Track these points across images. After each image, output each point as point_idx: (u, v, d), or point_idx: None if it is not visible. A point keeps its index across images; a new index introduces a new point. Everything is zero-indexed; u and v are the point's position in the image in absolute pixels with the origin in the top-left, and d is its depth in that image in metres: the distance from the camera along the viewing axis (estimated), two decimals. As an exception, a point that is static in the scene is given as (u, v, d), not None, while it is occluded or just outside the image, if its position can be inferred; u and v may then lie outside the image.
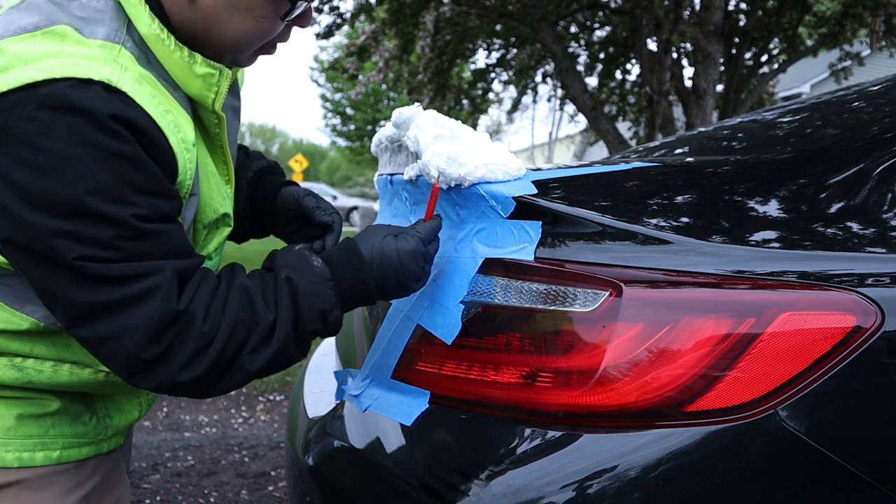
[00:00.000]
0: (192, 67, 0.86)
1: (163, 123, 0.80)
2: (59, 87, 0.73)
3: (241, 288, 0.84)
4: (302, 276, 0.86)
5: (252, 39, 0.90)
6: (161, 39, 0.84)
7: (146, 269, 0.77)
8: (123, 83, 0.77)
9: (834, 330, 0.78)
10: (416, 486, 0.89)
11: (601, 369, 0.80)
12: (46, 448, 0.91)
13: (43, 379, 0.88)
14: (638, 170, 1.09)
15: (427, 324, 0.95)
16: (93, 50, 0.78)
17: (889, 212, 0.87)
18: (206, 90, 0.88)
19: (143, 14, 0.83)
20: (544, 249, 0.88)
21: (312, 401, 1.33)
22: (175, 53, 0.85)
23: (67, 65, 0.74)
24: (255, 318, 0.82)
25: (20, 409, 0.88)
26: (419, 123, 1.05)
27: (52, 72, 0.73)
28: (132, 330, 0.76)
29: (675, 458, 0.77)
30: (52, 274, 0.75)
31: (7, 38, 0.78)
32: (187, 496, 2.58)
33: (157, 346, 0.77)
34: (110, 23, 0.82)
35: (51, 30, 0.79)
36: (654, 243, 0.85)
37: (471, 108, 9.60)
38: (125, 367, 0.78)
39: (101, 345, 0.78)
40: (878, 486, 0.76)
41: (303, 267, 0.87)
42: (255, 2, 0.86)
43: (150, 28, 0.84)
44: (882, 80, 1.48)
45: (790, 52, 7.75)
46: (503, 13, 7.08)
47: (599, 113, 7.04)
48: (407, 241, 0.91)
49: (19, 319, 0.85)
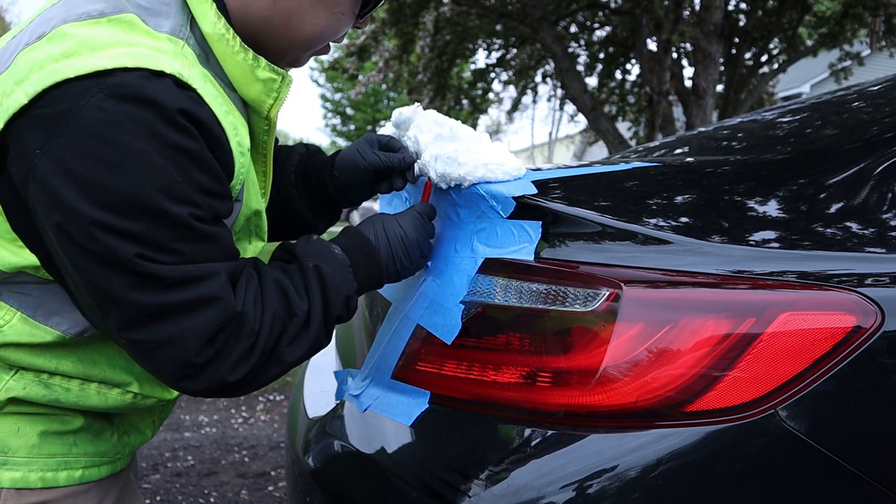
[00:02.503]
0: (254, 71, 0.84)
1: (226, 124, 0.78)
2: (131, 77, 0.70)
3: (275, 281, 0.83)
4: (328, 264, 0.86)
5: (326, 35, 0.90)
6: (226, 39, 0.82)
7: (206, 272, 0.75)
8: (193, 79, 0.75)
9: (834, 330, 0.78)
10: (416, 486, 0.89)
11: (601, 369, 0.80)
12: (70, 467, 0.89)
13: (70, 398, 0.86)
14: (638, 170, 1.09)
15: (427, 324, 0.96)
16: (162, 42, 0.76)
17: (889, 212, 0.87)
18: (265, 95, 0.86)
19: (209, 12, 0.81)
20: (544, 249, 0.88)
21: (312, 401, 1.33)
22: (239, 55, 0.83)
23: (139, 54, 0.71)
24: (291, 309, 0.82)
25: (44, 426, 0.86)
26: (419, 123, 1.05)
27: (124, 60, 0.70)
28: (192, 333, 0.74)
29: (675, 458, 0.77)
30: (108, 273, 0.71)
31: (72, 23, 0.74)
32: (187, 496, 2.58)
33: (212, 348, 0.76)
34: (175, 17, 0.80)
35: (118, 17, 0.75)
36: (654, 243, 0.85)
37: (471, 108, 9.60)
38: (177, 370, 0.76)
39: (156, 349, 0.75)
40: (878, 486, 0.76)
41: (326, 255, 0.87)
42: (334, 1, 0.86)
43: (216, 27, 0.81)
44: (882, 80, 1.48)
45: (790, 52, 7.76)
46: (503, 13, 7.08)
47: (599, 113, 7.04)
48: (406, 216, 0.96)
49: (43, 332, 0.82)
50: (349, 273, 0.88)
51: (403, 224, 0.94)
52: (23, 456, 0.85)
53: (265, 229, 0.98)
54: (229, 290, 0.77)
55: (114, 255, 0.70)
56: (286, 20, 0.86)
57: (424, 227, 0.96)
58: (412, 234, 0.94)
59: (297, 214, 1.12)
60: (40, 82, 0.69)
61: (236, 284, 0.80)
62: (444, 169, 0.96)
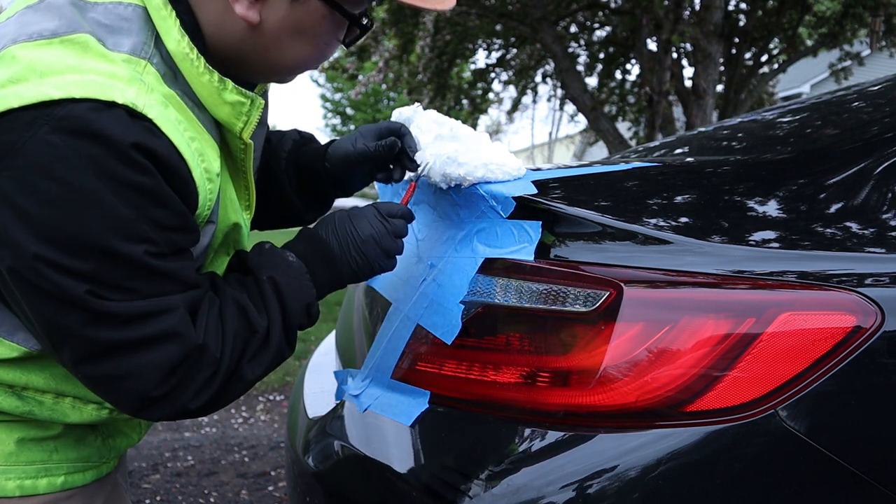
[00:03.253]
0: (221, 93, 0.79)
1: (187, 154, 0.74)
2: (79, 109, 0.66)
3: (234, 301, 0.81)
4: (283, 274, 0.84)
5: (309, 63, 0.86)
6: (189, 59, 0.77)
7: (163, 307, 0.72)
8: (149, 108, 0.70)
9: (834, 330, 0.78)
10: (416, 485, 0.89)
11: (601, 369, 0.80)
12: (50, 474, 0.86)
13: (44, 411, 0.84)
14: (638, 170, 1.09)
15: (427, 324, 0.95)
16: (117, 66, 0.71)
17: (889, 212, 0.87)
18: (234, 118, 0.82)
19: (173, 29, 0.76)
20: (544, 249, 0.88)
21: (312, 401, 1.33)
22: (203, 76, 0.78)
23: (89, 83, 0.67)
24: (251, 326, 0.80)
25: (21, 433, 0.83)
26: (419, 123, 1.05)
27: (72, 90, 0.66)
28: (150, 368, 0.72)
29: (675, 458, 0.77)
30: (60, 310, 0.69)
31: (22, 44, 0.70)
32: (187, 496, 2.58)
33: (173, 379, 0.74)
34: (137, 34, 0.75)
35: (71, 38, 0.71)
36: (654, 243, 0.85)
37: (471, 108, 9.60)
38: (135, 403, 0.74)
39: (111, 382, 0.73)
40: (878, 486, 0.76)
41: (280, 265, 0.85)
42: (321, 27, 0.82)
43: (179, 45, 0.76)
44: (882, 80, 1.48)
45: (790, 52, 7.75)
46: (503, 13, 7.08)
47: (599, 113, 7.04)
48: (359, 210, 0.91)
49: (8, 349, 0.79)
50: (307, 280, 0.86)
51: (355, 221, 0.90)
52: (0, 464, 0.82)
53: (245, 241, 0.96)
54: (188, 323, 0.75)
55: (63, 292, 0.67)
56: (265, 50, 0.82)
57: (383, 224, 0.91)
58: (364, 232, 0.89)
59: (288, 203, 1.10)
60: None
61: (197, 313, 0.77)
62: (444, 169, 0.96)
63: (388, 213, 0.93)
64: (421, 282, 1.00)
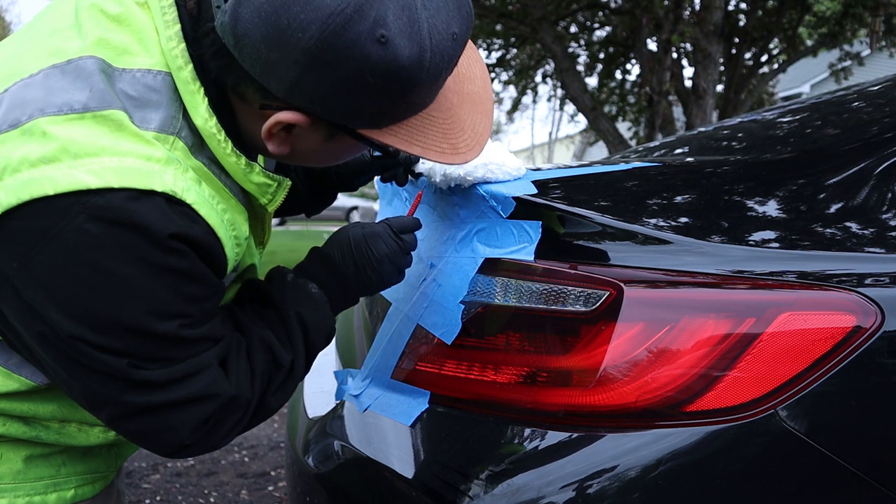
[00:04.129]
0: (248, 175, 0.78)
1: (221, 231, 0.74)
2: (117, 198, 0.64)
3: (260, 340, 0.83)
4: (307, 309, 0.86)
5: (333, 165, 0.89)
6: (217, 139, 0.74)
7: (197, 367, 0.73)
8: (187, 193, 0.69)
9: (834, 330, 0.78)
10: (416, 485, 0.89)
11: (601, 369, 0.80)
12: (59, 489, 0.86)
13: (51, 435, 0.84)
14: (638, 170, 1.09)
15: (427, 324, 0.95)
16: (153, 147, 0.69)
17: (889, 212, 0.87)
18: (259, 194, 0.81)
19: (201, 106, 0.73)
20: (544, 249, 0.88)
21: (312, 401, 1.33)
22: (231, 157, 0.76)
23: (126, 169, 0.65)
24: (277, 361, 0.83)
25: (28, 451, 0.83)
26: (419, 123, 1.04)
27: (110, 179, 0.64)
28: (184, 424, 0.74)
29: (675, 457, 0.77)
30: (100, 380, 0.70)
31: (51, 117, 0.66)
32: (187, 496, 2.58)
33: (205, 427, 0.76)
34: (166, 108, 0.72)
35: (104, 114, 0.67)
36: (654, 243, 0.85)
37: (471, 108, 9.57)
38: (167, 451, 0.76)
39: (147, 436, 0.75)
40: (878, 486, 0.76)
41: (305, 300, 0.86)
42: (350, 151, 0.83)
43: (207, 123, 0.73)
44: (882, 80, 1.48)
45: (790, 52, 7.75)
46: (503, 13, 7.08)
47: (599, 113, 7.04)
48: (372, 228, 0.91)
49: (16, 383, 0.78)
50: (327, 309, 0.88)
51: (371, 241, 0.90)
52: (8, 482, 0.82)
53: (253, 274, 0.95)
54: (222, 378, 0.76)
55: (104, 366, 0.69)
56: (294, 160, 0.83)
57: (397, 243, 0.91)
58: (380, 252, 0.90)
59: (297, 197, 1.12)
60: (15, 194, 0.63)
61: (227, 360, 0.78)
62: (444, 169, 0.96)
63: (401, 229, 0.93)
64: (421, 282, 1.00)
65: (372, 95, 0.69)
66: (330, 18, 0.63)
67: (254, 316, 0.86)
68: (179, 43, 0.72)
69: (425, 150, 0.75)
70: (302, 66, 0.66)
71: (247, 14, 0.65)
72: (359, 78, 0.67)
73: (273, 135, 0.75)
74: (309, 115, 0.72)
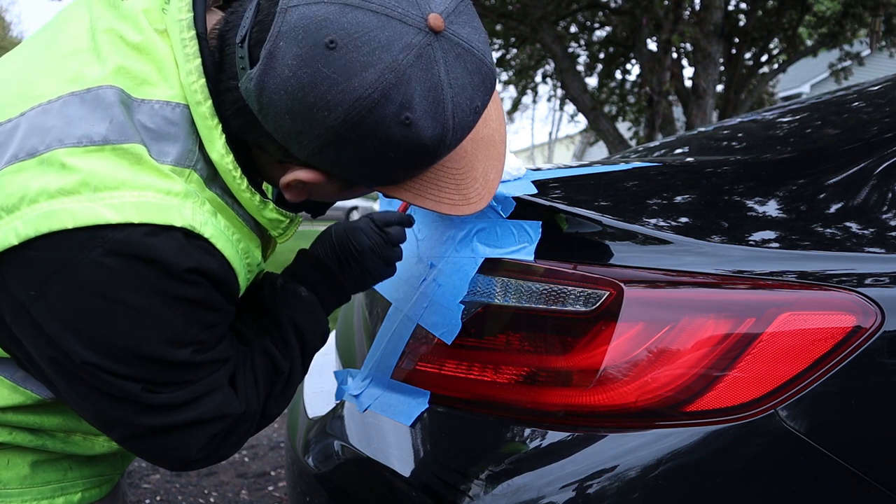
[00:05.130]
0: (261, 211, 0.78)
1: (236, 262, 0.75)
2: (136, 233, 0.65)
3: (262, 350, 0.83)
4: (300, 314, 0.86)
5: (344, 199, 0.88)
6: (232, 175, 0.74)
7: (207, 389, 0.74)
8: (205, 227, 0.70)
9: (834, 330, 0.78)
10: (416, 486, 0.89)
11: (601, 369, 0.80)
12: (66, 492, 0.86)
13: (57, 444, 0.84)
14: (638, 170, 1.09)
15: (427, 324, 0.95)
16: (171, 181, 0.69)
17: (889, 212, 0.87)
18: (271, 228, 0.82)
19: (217, 142, 0.72)
20: (544, 249, 0.88)
21: (312, 401, 1.33)
22: (245, 194, 0.76)
23: (146, 205, 0.65)
24: (278, 370, 0.84)
25: (35, 456, 0.83)
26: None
27: (130, 215, 0.64)
28: (195, 442, 0.75)
29: (675, 457, 0.77)
30: (113, 403, 0.70)
31: (70, 148, 0.66)
32: (187, 496, 2.58)
33: (214, 443, 0.77)
34: (183, 141, 0.72)
35: (123, 148, 0.67)
36: (654, 243, 0.85)
37: (471, 108, 9.58)
38: (176, 466, 0.78)
39: (157, 454, 0.76)
40: (878, 486, 0.76)
41: (297, 304, 0.86)
42: (363, 188, 0.81)
43: (223, 160, 0.73)
44: (882, 80, 1.48)
45: (790, 52, 7.75)
46: (503, 13, 7.08)
47: (599, 113, 7.04)
48: (356, 224, 0.92)
49: (22, 396, 0.78)
50: (320, 311, 0.88)
51: (352, 235, 0.91)
52: (15, 487, 0.82)
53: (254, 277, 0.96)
54: (231, 397, 0.77)
55: (118, 390, 0.69)
56: (309, 197, 0.82)
57: (379, 235, 0.91)
58: (362, 244, 0.90)
59: None
60: (34, 225, 0.64)
61: (236, 376, 0.79)
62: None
63: (384, 222, 0.94)
64: (421, 282, 1.00)
65: (392, 167, 0.71)
66: (357, 102, 0.64)
67: (253, 325, 0.86)
68: (200, 78, 0.71)
69: (437, 204, 0.77)
70: (325, 140, 0.68)
71: (273, 85, 0.65)
72: (381, 154, 0.68)
73: (291, 187, 0.76)
74: (327, 174, 0.74)
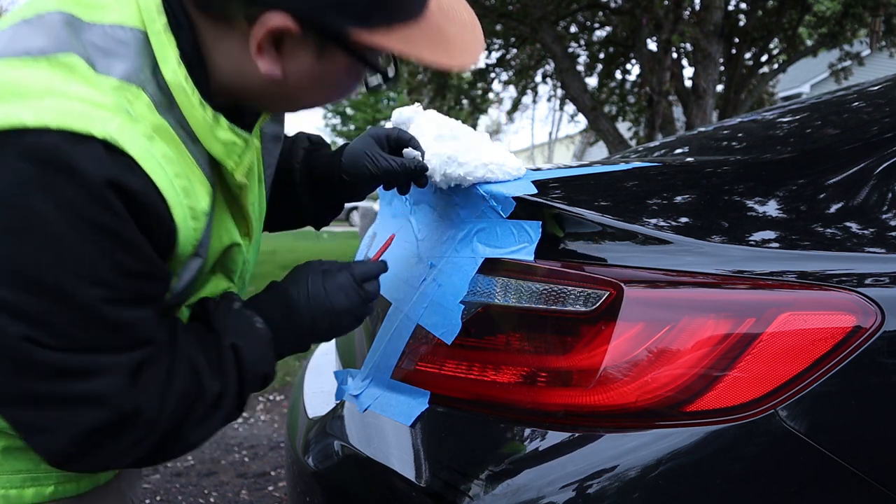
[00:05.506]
0: (214, 130, 0.74)
1: (169, 192, 0.69)
2: (51, 139, 0.61)
3: (189, 361, 0.76)
4: (247, 342, 0.80)
5: (327, 104, 0.84)
6: (184, 91, 0.71)
7: (97, 367, 0.66)
8: (130, 144, 0.65)
9: (834, 330, 0.78)
10: (416, 485, 0.89)
11: (601, 369, 0.80)
12: (38, 483, 0.81)
13: None
14: (638, 170, 1.09)
15: (427, 324, 0.95)
16: (103, 94, 0.66)
17: (889, 212, 0.87)
18: (226, 156, 0.77)
19: (171, 58, 0.70)
20: (544, 249, 0.88)
21: (312, 401, 1.33)
22: (197, 110, 0.72)
23: (67, 111, 0.62)
24: (201, 388, 0.76)
25: (6, 442, 0.78)
26: (419, 123, 1.05)
27: (46, 118, 0.61)
28: (63, 428, 0.67)
29: (675, 458, 0.77)
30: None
31: (7, 59, 0.65)
32: (187, 496, 2.58)
33: (90, 442, 0.68)
34: (133, 59, 0.69)
35: (57, 58, 0.66)
36: (654, 243, 0.85)
37: (471, 108, 9.61)
38: (48, 456, 0.70)
39: (26, 430, 0.69)
40: (878, 486, 0.76)
41: (247, 332, 0.81)
42: (345, 78, 0.78)
43: (176, 75, 0.70)
44: (882, 80, 1.48)
45: (790, 52, 7.76)
46: (503, 13, 7.08)
47: (599, 113, 7.04)
48: (335, 276, 0.87)
49: None
50: (270, 349, 0.83)
51: (331, 293, 0.86)
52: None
53: (236, 268, 0.90)
54: (122, 388, 0.68)
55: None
56: (283, 98, 0.79)
57: (359, 294, 0.88)
58: (340, 305, 0.86)
59: (301, 209, 1.10)
60: None
61: (142, 370, 0.71)
62: (444, 169, 0.96)
63: (364, 277, 0.89)
64: (421, 282, 1.00)
65: None
66: None
67: (192, 336, 0.79)
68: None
69: (432, 52, 0.72)
70: None
71: None
72: None
73: (263, 50, 0.71)
74: (297, 20, 0.69)
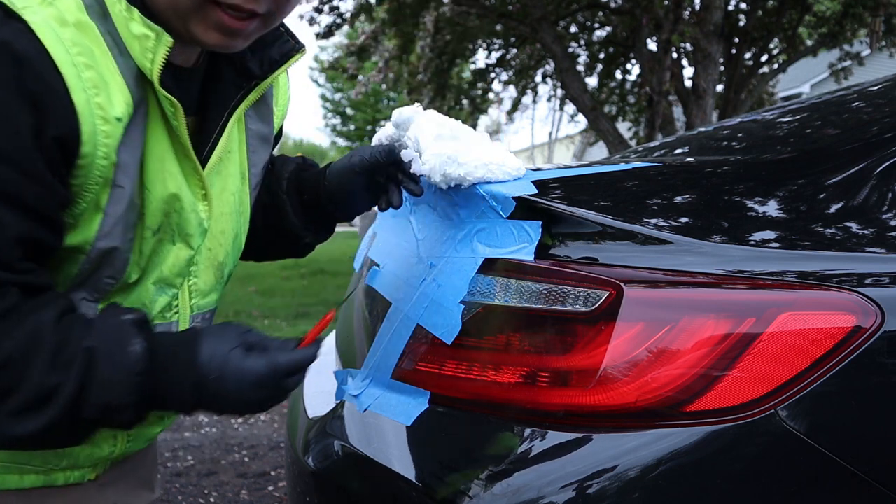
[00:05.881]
0: (128, 24, 0.72)
1: (68, 73, 0.66)
2: None
3: (37, 327, 0.66)
4: (106, 357, 0.68)
5: None
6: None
7: None
8: (31, 13, 0.63)
9: (834, 330, 0.78)
10: (416, 485, 0.89)
11: (601, 369, 0.80)
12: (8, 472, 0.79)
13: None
14: (638, 170, 1.09)
15: (427, 324, 0.95)
16: None
17: (889, 212, 0.87)
18: (142, 56, 0.73)
19: None
20: (544, 249, 0.88)
21: (312, 401, 1.33)
22: (115, 6, 0.71)
23: None
24: (29, 369, 0.65)
25: None
26: (419, 123, 1.05)
27: None
28: None
29: (675, 458, 0.77)
30: None
31: None
32: (187, 496, 2.58)
33: None
34: None
35: None
36: (654, 243, 0.85)
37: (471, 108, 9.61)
38: None
39: None
40: (878, 486, 0.76)
41: (115, 345, 0.70)
42: None
43: None
44: (882, 80, 1.48)
45: (790, 52, 7.76)
46: (503, 13, 7.08)
47: (599, 113, 7.04)
48: (257, 364, 0.76)
49: None
50: (132, 383, 0.69)
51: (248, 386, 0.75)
52: None
53: (193, 231, 0.85)
54: None
55: None
56: None
57: (277, 388, 0.78)
58: (251, 398, 0.76)
59: (290, 227, 1.07)
60: None
61: None
62: (444, 169, 0.96)
63: (289, 371, 0.79)
64: (421, 282, 1.00)
65: None
66: None
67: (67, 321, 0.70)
68: None
69: None
70: None
71: None
72: None
73: None
74: None
